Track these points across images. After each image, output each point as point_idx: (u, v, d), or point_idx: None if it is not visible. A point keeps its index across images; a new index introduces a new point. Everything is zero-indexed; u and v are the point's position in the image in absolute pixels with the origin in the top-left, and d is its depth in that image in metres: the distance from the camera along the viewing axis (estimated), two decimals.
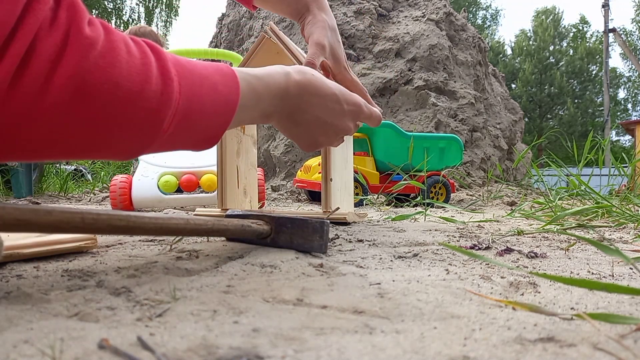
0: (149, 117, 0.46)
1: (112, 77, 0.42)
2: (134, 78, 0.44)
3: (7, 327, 0.35)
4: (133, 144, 0.48)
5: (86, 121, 0.42)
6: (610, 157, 4.08)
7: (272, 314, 0.40)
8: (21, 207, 0.42)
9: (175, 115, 0.48)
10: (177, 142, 0.52)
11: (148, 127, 0.47)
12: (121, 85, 0.43)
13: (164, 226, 0.54)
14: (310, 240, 0.67)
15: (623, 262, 0.66)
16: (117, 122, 0.44)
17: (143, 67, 0.45)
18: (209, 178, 1.74)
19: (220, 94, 0.53)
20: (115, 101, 0.43)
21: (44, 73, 0.38)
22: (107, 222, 0.47)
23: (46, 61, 0.38)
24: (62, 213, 0.44)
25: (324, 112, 0.67)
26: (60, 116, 0.40)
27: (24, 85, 0.38)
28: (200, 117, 0.52)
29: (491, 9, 32.12)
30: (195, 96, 0.50)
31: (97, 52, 0.41)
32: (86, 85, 0.40)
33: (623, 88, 28.57)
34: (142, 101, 0.44)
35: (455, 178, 3.19)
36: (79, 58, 0.40)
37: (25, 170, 2.50)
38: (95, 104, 0.41)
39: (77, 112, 0.41)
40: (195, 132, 0.53)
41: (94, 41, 0.41)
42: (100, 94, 0.41)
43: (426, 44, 4.33)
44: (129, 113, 0.44)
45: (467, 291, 0.48)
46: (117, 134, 0.45)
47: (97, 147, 0.46)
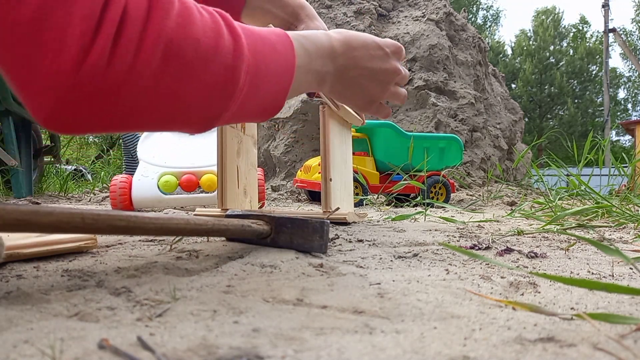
0: (227, 72, 0.47)
1: (192, 34, 0.43)
2: (209, 34, 0.45)
3: (7, 327, 0.35)
4: (214, 104, 0.48)
5: (175, 78, 0.43)
6: (610, 157, 4.08)
7: (272, 314, 0.40)
8: (22, 207, 0.42)
9: (248, 72, 0.49)
10: (249, 105, 0.53)
11: (228, 84, 0.48)
12: (201, 42, 0.44)
13: (164, 226, 0.54)
14: (310, 240, 0.67)
15: (623, 262, 0.66)
16: (201, 78, 0.45)
17: (214, 25, 0.46)
18: (209, 178, 1.74)
19: (279, 54, 0.54)
20: (198, 57, 0.44)
21: (137, 34, 0.40)
22: (108, 222, 0.47)
23: (137, 23, 0.40)
24: (62, 213, 0.44)
25: (371, 61, 0.68)
26: (154, 75, 0.41)
27: (122, 48, 0.39)
28: (267, 76, 0.53)
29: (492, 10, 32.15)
30: (260, 54, 0.51)
31: (176, 11, 0.43)
32: (172, 43, 0.42)
33: (623, 88, 28.58)
34: (220, 56, 0.46)
35: (455, 178, 3.19)
36: (163, 18, 0.41)
37: (25, 170, 2.50)
38: (182, 60, 0.43)
39: (167, 69, 0.42)
40: (265, 93, 0.54)
41: (172, 1, 0.43)
42: (185, 51, 0.43)
43: (426, 44, 4.33)
44: (211, 68, 0.45)
45: (467, 291, 0.48)
46: (201, 92, 0.46)
47: (184, 108, 0.46)
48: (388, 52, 0.70)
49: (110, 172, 4.13)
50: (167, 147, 1.87)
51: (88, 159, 5.79)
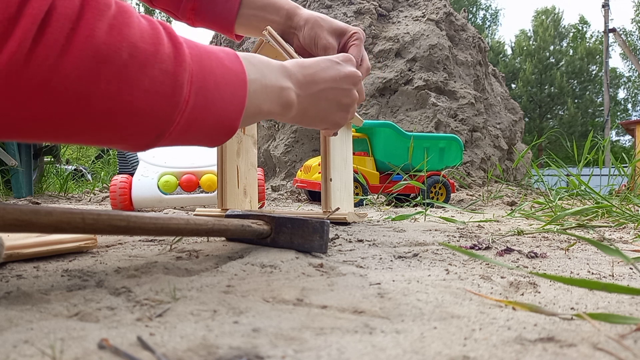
0: (167, 79, 0.44)
1: (128, 37, 0.41)
2: (147, 39, 0.43)
3: (7, 327, 0.35)
4: (157, 115, 0.44)
5: (109, 83, 0.40)
6: (610, 157, 4.09)
7: (272, 314, 0.40)
8: (22, 207, 0.42)
9: (192, 82, 0.46)
10: (199, 122, 0.48)
11: (169, 91, 0.44)
12: (137, 46, 0.42)
13: (164, 226, 0.54)
14: (310, 240, 0.67)
15: (623, 262, 0.66)
16: (139, 84, 0.42)
17: (153, 31, 0.44)
18: (209, 178, 1.74)
19: (228, 68, 0.51)
20: (134, 62, 0.41)
21: (64, 33, 0.37)
22: (108, 222, 0.47)
23: (65, 22, 0.37)
24: (62, 213, 0.44)
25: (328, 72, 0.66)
26: (81, 81, 0.39)
27: (44, 47, 0.36)
28: (217, 90, 0.49)
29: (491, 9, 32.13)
30: (207, 67, 0.48)
31: (112, 14, 0.40)
32: (105, 47, 0.39)
33: (623, 88, 28.57)
34: (158, 63, 0.43)
35: (455, 178, 3.19)
36: (96, 19, 0.39)
37: (25, 170, 2.50)
38: (116, 64, 0.40)
39: (100, 72, 0.39)
40: (216, 109, 0.50)
41: (108, 3, 0.41)
42: (119, 55, 0.40)
43: (426, 44, 4.33)
44: (149, 73, 0.42)
45: (467, 291, 0.48)
46: (140, 100, 0.42)
47: (122, 118, 0.43)
48: (338, 60, 0.69)
49: (110, 172, 4.13)
50: (167, 147, 1.86)
51: (88, 159, 5.78)
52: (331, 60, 0.68)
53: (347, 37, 0.93)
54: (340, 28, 0.93)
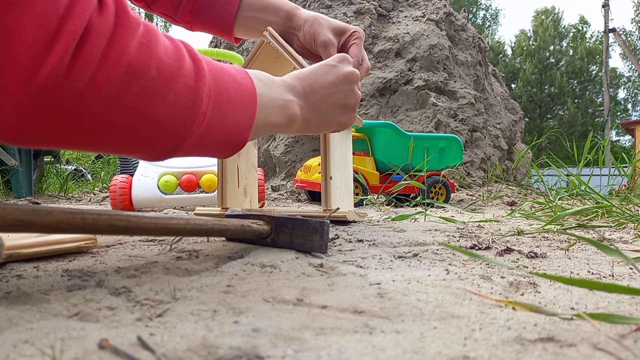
0: (189, 93, 0.47)
1: (155, 54, 0.44)
2: (171, 56, 0.46)
3: (7, 327, 0.35)
4: (178, 126, 0.47)
5: (138, 96, 0.43)
6: (610, 157, 4.09)
7: (272, 314, 0.40)
8: (22, 207, 0.42)
9: (210, 95, 0.49)
10: (214, 134, 0.51)
11: (190, 104, 0.47)
12: (164, 62, 0.45)
13: (164, 226, 0.54)
14: (310, 240, 0.67)
15: (623, 262, 0.66)
16: (164, 97, 0.45)
17: (175, 48, 0.47)
18: (209, 178, 1.74)
19: (239, 83, 0.55)
20: (161, 77, 0.44)
21: (100, 48, 0.39)
22: (108, 222, 0.47)
23: (101, 38, 0.39)
24: (62, 213, 0.44)
25: (326, 77, 0.68)
26: (116, 90, 0.41)
27: (82, 61, 0.38)
28: (230, 104, 0.52)
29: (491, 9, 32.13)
30: (222, 82, 0.52)
31: (141, 32, 0.43)
32: (136, 62, 0.42)
33: (623, 88, 28.57)
34: (182, 77, 0.46)
35: (455, 178, 3.19)
36: (128, 36, 0.41)
37: (25, 170, 2.50)
38: (145, 78, 0.43)
39: (130, 86, 0.42)
40: (230, 122, 0.53)
41: (138, 21, 0.43)
42: (148, 69, 0.43)
43: (426, 44, 4.33)
44: (173, 88, 0.45)
45: (467, 291, 0.48)
46: (164, 112, 0.45)
47: (147, 128, 0.45)
48: (334, 63, 0.70)
49: (110, 172, 4.13)
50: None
51: (88, 159, 5.78)
52: (327, 65, 0.69)
53: (347, 36, 0.93)
54: (339, 27, 0.93)
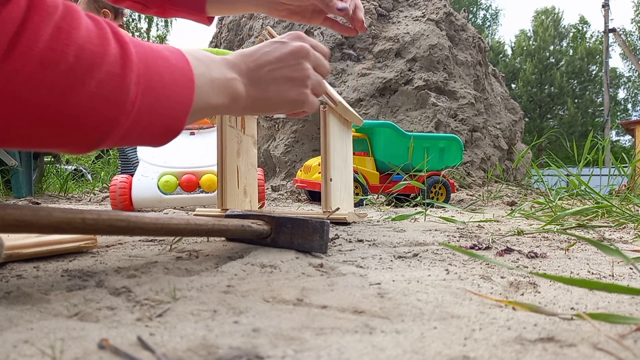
0: (115, 81, 0.43)
1: (75, 39, 0.40)
2: (94, 40, 0.42)
3: (7, 327, 0.35)
4: (104, 116, 0.43)
5: (55, 87, 0.39)
6: (610, 157, 4.09)
7: (272, 314, 0.40)
8: (22, 207, 0.41)
9: (139, 82, 0.45)
10: (145, 121, 0.48)
11: (116, 93, 0.43)
12: (85, 48, 0.41)
13: (164, 227, 0.54)
14: (310, 240, 0.67)
15: (623, 262, 0.66)
16: (85, 87, 0.41)
17: (100, 31, 0.43)
18: (209, 178, 1.74)
19: (174, 66, 0.50)
20: (81, 65, 0.40)
21: (7, 39, 0.36)
22: (108, 222, 0.47)
23: (9, 27, 0.36)
24: (63, 214, 0.44)
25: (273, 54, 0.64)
26: (25, 86, 0.38)
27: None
28: (164, 89, 0.48)
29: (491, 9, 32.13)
30: (153, 66, 0.48)
31: (59, 15, 0.40)
32: (50, 51, 0.39)
33: (623, 88, 28.57)
34: (106, 64, 0.42)
35: (455, 178, 3.19)
36: (42, 23, 0.38)
37: (25, 170, 2.50)
38: (62, 67, 0.39)
39: (45, 77, 0.39)
40: (163, 108, 0.49)
41: (56, 4, 0.40)
42: (65, 59, 0.39)
43: (426, 44, 4.33)
44: (96, 76, 0.42)
45: (467, 291, 0.48)
46: (87, 103, 0.42)
47: (70, 122, 0.42)
48: (284, 40, 0.66)
49: (110, 172, 4.13)
50: (167, 147, 1.87)
51: (88, 158, 5.79)
52: (274, 41, 0.65)
53: None
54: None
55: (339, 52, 4.39)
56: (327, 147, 1.09)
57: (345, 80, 4.21)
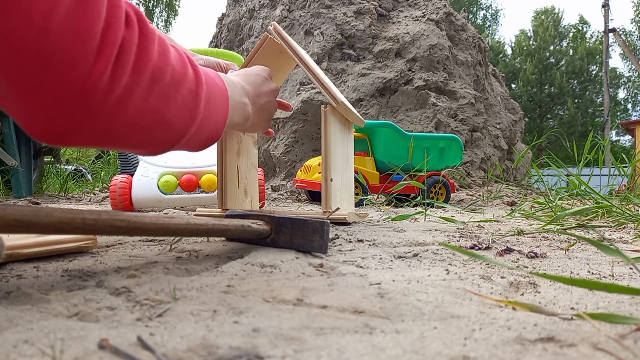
0: (192, 96, 0.53)
1: (170, 61, 0.49)
2: (179, 62, 0.51)
3: (7, 327, 0.35)
4: (182, 125, 0.52)
5: (157, 99, 0.47)
6: (610, 157, 4.09)
7: (272, 314, 0.40)
8: (22, 208, 0.41)
9: (205, 99, 0.55)
10: (202, 131, 0.57)
11: (192, 106, 0.53)
12: (175, 68, 0.50)
13: (164, 227, 0.54)
14: (310, 240, 0.67)
15: (623, 262, 0.66)
16: (175, 100, 0.50)
17: (180, 55, 0.52)
18: (209, 178, 1.74)
19: (219, 87, 0.61)
20: (173, 82, 0.49)
21: (131, 58, 0.44)
22: (108, 222, 0.47)
23: (133, 48, 0.43)
24: (63, 214, 0.44)
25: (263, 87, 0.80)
26: (142, 95, 0.45)
27: (120, 68, 0.42)
28: (215, 106, 0.59)
29: (491, 9, 32.12)
30: (210, 86, 0.57)
31: (157, 40, 0.47)
32: (157, 68, 0.47)
33: (623, 88, 28.55)
34: (187, 82, 0.52)
35: (455, 178, 3.19)
36: (150, 46, 0.46)
37: (25, 170, 2.50)
38: (162, 83, 0.48)
39: (152, 90, 0.46)
40: (213, 121, 0.59)
41: (154, 32, 0.47)
42: (165, 75, 0.48)
43: (426, 44, 4.33)
44: (181, 92, 0.51)
45: (467, 291, 0.48)
46: (174, 112, 0.50)
47: (161, 127, 0.50)
48: (266, 75, 0.82)
49: (110, 172, 4.12)
50: None
51: (88, 159, 5.79)
52: (262, 76, 0.81)
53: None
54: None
55: (339, 52, 4.39)
56: (328, 147, 1.09)
57: (345, 80, 4.21)
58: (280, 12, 4.60)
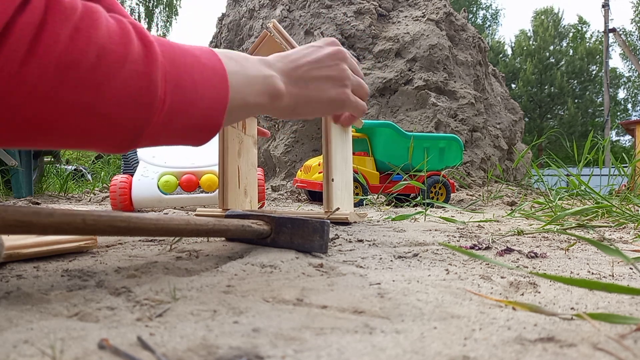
0: (140, 80, 0.43)
1: (95, 39, 0.40)
2: (116, 40, 0.42)
3: (7, 327, 0.35)
4: (132, 116, 0.44)
5: (77, 88, 0.40)
6: (610, 157, 4.09)
7: (272, 314, 0.40)
8: (22, 208, 0.41)
9: (166, 80, 0.45)
10: (179, 120, 0.48)
11: (143, 91, 0.43)
12: (105, 48, 0.41)
13: (165, 227, 0.54)
14: (310, 240, 0.67)
15: (623, 262, 0.66)
16: (109, 87, 0.41)
17: (122, 30, 0.43)
18: (209, 178, 1.74)
19: (205, 65, 0.50)
20: (103, 65, 0.40)
21: (25, 44, 0.36)
22: (109, 223, 0.47)
23: (26, 31, 0.36)
24: (63, 215, 0.44)
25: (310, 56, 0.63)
26: (45, 89, 0.38)
27: (3, 58, 0.36)
28: (195, 88, 0.48)
29: (491, 9, 32.12)
30: (182, 64, 0.47)
31: (78, 16, 0.40)
32: (70, 52, 0.39)
33: (623, 88, 28.55)
34: (129, 63, 0.42)
35: (455, 178, 3.19)
36: (60, 25, 0.38)
37: (25, 170, 2.50)
38: (83, 68, 0.39)
39: (62, 82, 0.39)
40: (197, 106, 0.48)
41: (74, 5, 0.40)
42: (86, 59, 0.39)
43: (426, 44, 4.33)
44: (119, 75, 0.42)
45: (467, 291, 0.48)
46: (112, 103, 0.42)
47: (97, 122, 0.42)
48: (319, 45, 0.66)
49: (110, 172, 4.13)
50: (167, 147, 1.87)
51: (88, 159, 5.79)
52: (312, 45, 0.66)
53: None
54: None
55: None
56: (329, 147, 1.09)
57: None
58: (280, 12, 4.60)
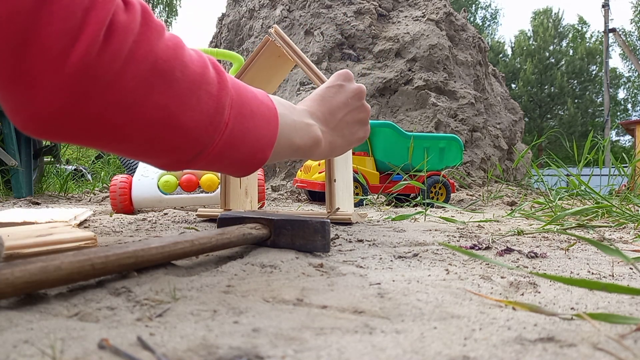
0: (212, 101, 0.47)
1: (181, 57, 0.44)
2: (196, 62, 0.46)
3: (7, 327, 0.35)
4: (201, 133, 0.47)
5: (159, 97, 0.43)
6: (610, 157, 4.09)
7: (272, 314, 0.40)
8: (29, 267, 0.40)
9: (232, 106, 0.49)
10: (235, 147, 0.51)
11: (213, 112, 0.47)
12: (188, 66, 0.45)
13: (171, 253, 0.55)
14: (312, 240, 0.67)
15: (623, 262, 0.66)
16: (188, 100, 0.45)
17: (200, 58, 0.47)
18: (209, 178, 1.74)
19: (261, 101, 0.54)
20: (185, 80, 0.44)
21: (127, 45, 0.40)
22: (117, 262, 0.48)
23: (128, 34, 0.40)
24: (71, 264, 0.43)
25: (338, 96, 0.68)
26: (138, 89, 0.41)
27: (110, 53, 0.38)
28: (252, 119, 0.52)
29: (490, 9, 32.13)
30: (244, 96, 0.51)
31: (167, 36, 0.44)
32: (162, 62, 0.42)
33: (623, 88, 28.55)
34: (205, 84, 0.46)
35: (455, 178, 3.19)
36: (154, 37, 0.42)
37: (25, 170, 2.50)
38: (168, 80, 0.43)
39: (152, 86, 0.42)
40: (251, 137, 0.52)
41: (163, 26, 0.44)
42: (173, 71, 0.43)
43: (426, 44, 4.33)
44: (197, 93, 0.45)
45: (467, 291, 0.48)
46: (188, 115, 0.45)
47: (170, 131, 0.45)
48: (340, 83, 0.70)
49: (110, 172, 4.13)
50: None
51: (88, 159, 5.79)
52: (334, 86, 0.70)
53: None
54: None
55: (339, 52, 4.39)
56: None
57: None
58: (280, 12, 4.60)
